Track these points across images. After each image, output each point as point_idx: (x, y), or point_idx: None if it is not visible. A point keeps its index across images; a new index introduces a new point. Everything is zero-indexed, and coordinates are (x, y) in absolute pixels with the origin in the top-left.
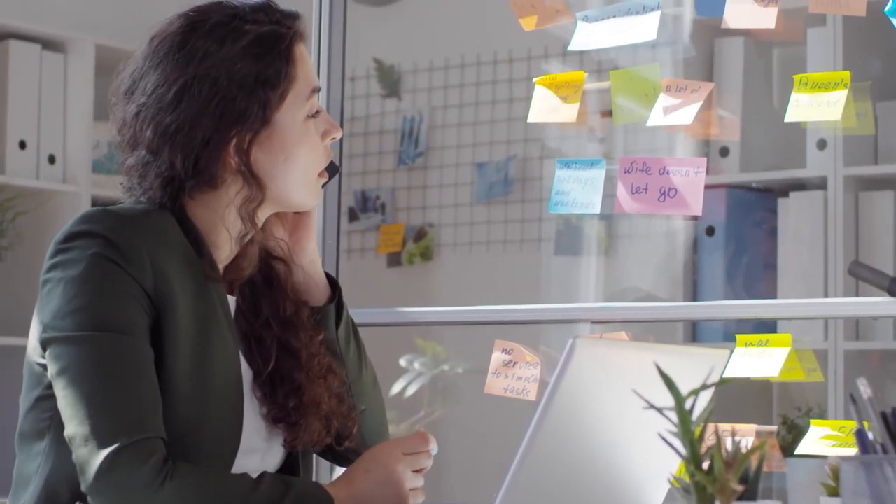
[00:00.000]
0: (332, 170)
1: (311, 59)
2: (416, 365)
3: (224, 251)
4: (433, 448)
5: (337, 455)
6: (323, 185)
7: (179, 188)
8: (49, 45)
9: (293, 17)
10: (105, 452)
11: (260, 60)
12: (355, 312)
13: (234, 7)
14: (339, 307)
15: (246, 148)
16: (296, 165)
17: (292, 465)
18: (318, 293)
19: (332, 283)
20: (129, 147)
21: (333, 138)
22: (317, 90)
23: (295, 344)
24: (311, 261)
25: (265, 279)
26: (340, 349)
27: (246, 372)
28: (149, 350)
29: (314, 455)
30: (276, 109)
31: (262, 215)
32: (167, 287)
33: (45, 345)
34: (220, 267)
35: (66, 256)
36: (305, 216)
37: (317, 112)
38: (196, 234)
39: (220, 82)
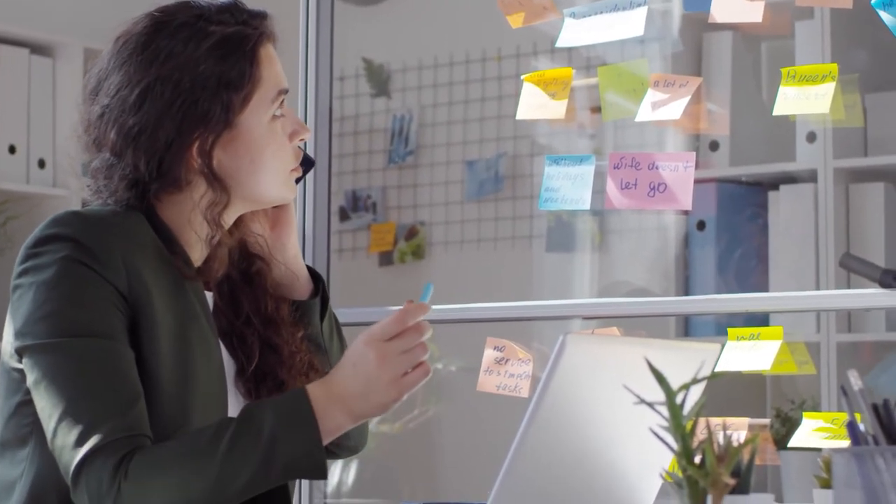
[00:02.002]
0: (308, 163)
1: (278, 60)
2: None
3: (196, 251)
4: (427, 335)
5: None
6: (298, 180)
7: (145, 190)
8: (37, 49)
9: (261, 16)
10: (76, 461)
11: (223, 62)
12: (347, 312)
13: (200, 7)
14: (325, 300)
15: (208, 150)
16: (262, 167)
17: None
18: (301, 287)
19: (315, 276)
20: (94, 148)
21: (302, 139)
22: (283, 92)
23: (277, 341)
24: (293, 255)
25: (244, 276)
26: (325, 343)
27: (230, 368)
28: (126, 351)
29: None
30: (239, 112)
31: (234, 214)
32: (142, 286)
33: (20, 352)
34: (202, 259)
35: (36, 261)
36: (284, 211)
37: (283, 113)
38: (167, 233)
39: (182, 84)
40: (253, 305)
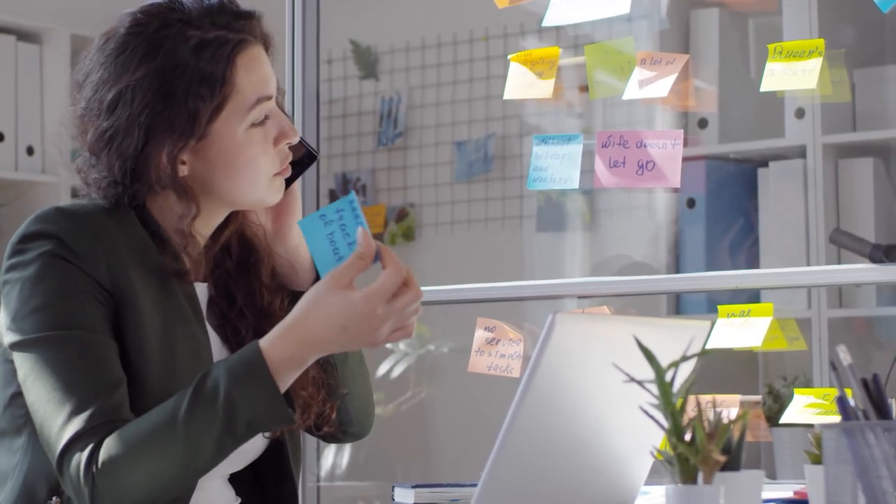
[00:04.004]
0: (310, 158)
1: (266, 62)
2: (402, 345)
3: (193, 246)
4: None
5: (324, 434)
6: (299, 174)
7: (124, 191)
8: (24, 36)
9: (247, 17)
10: (59, 450)
11: (197, 71)
12: None
13: (183, 10)
14: None
15: (175, 158)
16: (237, 174)
17: (279, 450)
18: (301, 278)
19: None
20: (81, 141)
21: (288, 143)
22: (264, 99)
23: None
24: (294, 246)
25: (242, 266)
26: None
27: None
28: (108, 341)
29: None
30: (211, 121)
31: (219, 216)
32: (125, 279)
33: (11, 348)
34: (194, 259)
35: (21, 258)
36: (289, 201)
37: (266, 118)
38: (157, 230)
39: (152, 91)
40: (248, 298)
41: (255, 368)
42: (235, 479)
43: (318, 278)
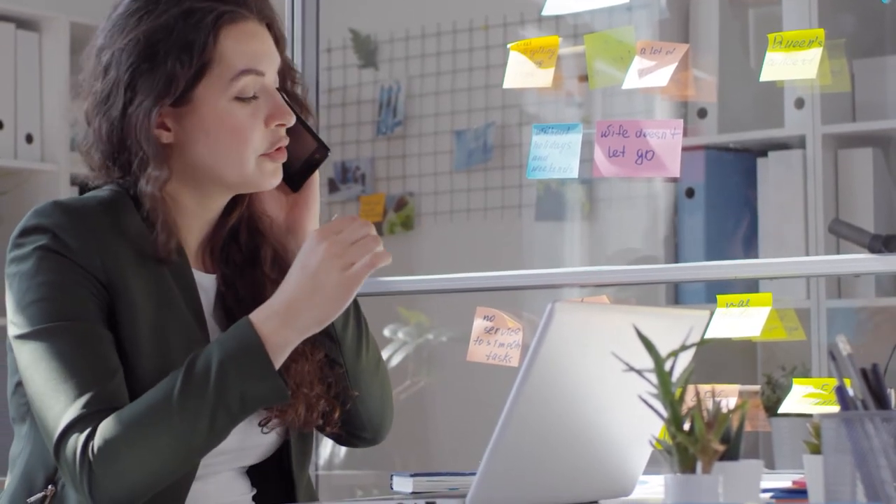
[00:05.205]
0: (322, 153)
1: (262, 42)
2: (400, 334)
3: (191, 231)
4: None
5: (336, 436)
6: (313, 169)
7: (121, 171)
8: (23, 23)
9: None
10: (55, 438)
11: (179, 35)
12: None
13: None
14: None
15: (152, 118)
16: (220, 145)
17: (280, 453)
18: None
19: None
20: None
21: (281, 124)
22: (251, 72)
23: None
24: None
25: (249, 259)
26: (336, 332)
27: None
28: (102, 332)
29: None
30: (193, 87)
31: (217, 198)
32: (119, 272)
33: (13, 340)
34: (197, 241)
35: (19, 252)
36: (306, 196)
37: (255, 97)
38: (149, 214)
39: (136, 53)
40: (254, 290)
41: (246, 340)
42: (256, 472)
43: None
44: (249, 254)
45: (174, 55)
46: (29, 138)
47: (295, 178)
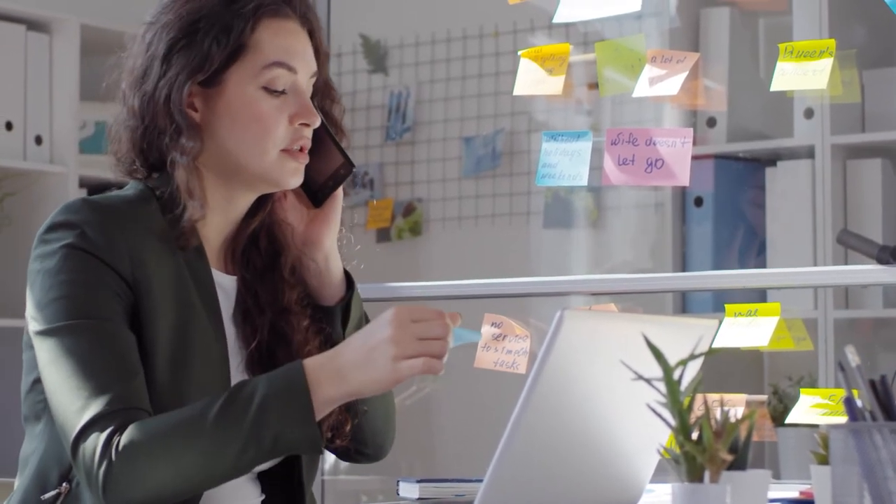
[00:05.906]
0: (347, 169)
1: (300, 41)
2: None
3: (211, 226)
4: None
5: (339, 451)
6: (337, 184)
7: (149, 148)
8: (34, 25)
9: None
10: (73, 434)
11: (220, 18)
12: None
13: None
14: (347, 311)
15: (184, 92)
16: (244, 130)
17: (293, 461)
18: (329, 292)
19: (349, 282)
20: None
21: (304, 124)
22: (283, 65)
23: (288, 331)
24: (324, 257)
25: (268, 264)
26: None
27: (241, 356)
28: (125, 332)
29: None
30: (225, 68)
31: (243, 194)
32: (144, 272)
33: (33, 337)
34: (219, 240)
35: (45, 248)
36: (326, 211)
37: (284, 91)
38: (171, 205)
39: (176, 28)
40: (271, 295)
41: (295, 383)
42: (265, 478)
43: (347, 294)
44: (269, 259)
45: (212, 35)
46: (38, 140)
47: (318, 194)
